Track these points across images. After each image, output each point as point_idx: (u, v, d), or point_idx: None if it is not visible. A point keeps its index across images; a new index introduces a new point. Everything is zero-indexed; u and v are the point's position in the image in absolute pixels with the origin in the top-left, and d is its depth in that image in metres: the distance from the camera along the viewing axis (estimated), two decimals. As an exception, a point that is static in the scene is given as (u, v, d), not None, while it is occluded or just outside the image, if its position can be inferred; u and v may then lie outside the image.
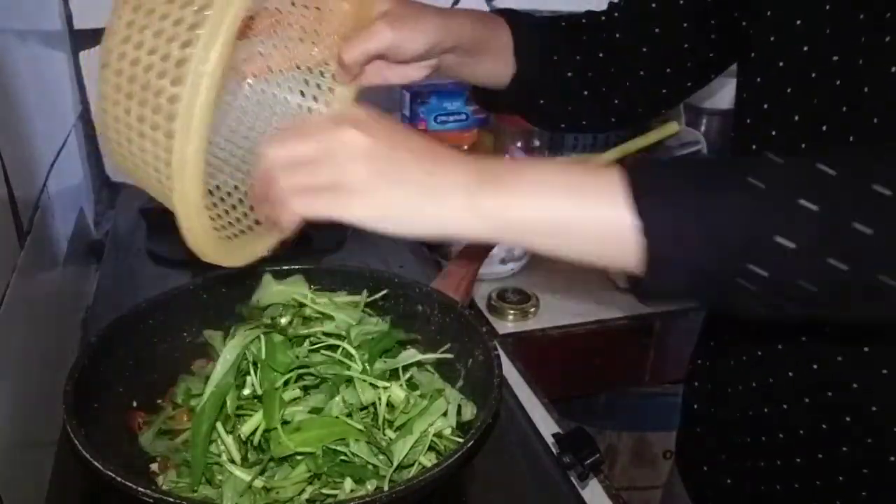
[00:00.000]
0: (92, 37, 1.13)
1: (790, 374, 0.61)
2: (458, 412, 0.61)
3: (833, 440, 0.59)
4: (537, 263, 1.21)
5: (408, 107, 1.30)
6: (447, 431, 0.60)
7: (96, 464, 0.48)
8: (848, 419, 0.57)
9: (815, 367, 0.59)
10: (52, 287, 0.83)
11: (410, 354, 0.64)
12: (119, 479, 0.47)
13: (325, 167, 0.45)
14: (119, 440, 0.60)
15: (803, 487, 0.62)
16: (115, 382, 0.62)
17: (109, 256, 0.99)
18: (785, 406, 0.62)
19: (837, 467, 0.59)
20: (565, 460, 0.65)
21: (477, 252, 0.75)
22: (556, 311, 1.08)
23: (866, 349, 0.55)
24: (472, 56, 0.67)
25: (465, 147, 1.34)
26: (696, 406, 0.75)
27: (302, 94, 0.62)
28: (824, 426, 0.59)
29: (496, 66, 0.69)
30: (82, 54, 1.14)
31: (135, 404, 0.64)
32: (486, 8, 1.32)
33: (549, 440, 0.69)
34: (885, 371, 0.55)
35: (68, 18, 1.11)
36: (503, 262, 1.15)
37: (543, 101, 0.73)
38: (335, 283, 0.73)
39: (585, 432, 0.68)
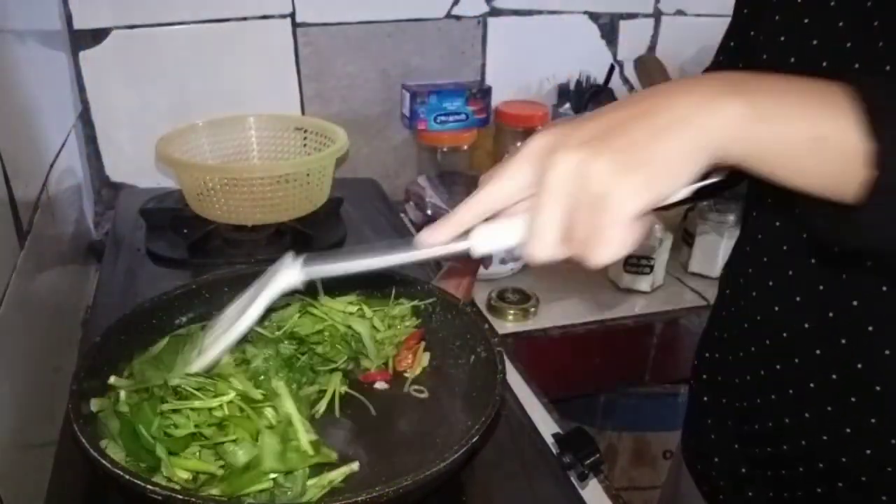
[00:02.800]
0: (92, 37, 1.13)
1: (796, 360, 0.62)
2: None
3: (841, 421, 0.60)
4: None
5: (408, 107, 1.30)
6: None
7: (105, 462, 0.48)
8: (853, 399, 0.58)
9: (818, 352, 0.60)
10: (52, 287, 0.83)
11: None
12: (128, 477, 0.47)
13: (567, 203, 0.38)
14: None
15: (826, 467, 0.62)
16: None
17: (109, 256, 0.98)
18: (791, 391, 0.63)
19: (847, 448, 0.60)
20: (565, 460, 0.65)
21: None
22: (556, 311, 1.08)
23: (870, 328, 0.56)
24: None
25: (465, 147, 1.34)
26: (706, 398, 0.75)
27: None
28: (829, 408, 0.60)
29: None
30: (82, 54, 1.14)
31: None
32: (485, 8, 1.32)
33: (549, 440, 0.69)
34: (887, 352, 0.56)
35: (68, 18, 1.11)
36: (503, 262, 1.15)
37: None
38: (335, 282, 0.72)
39: (585, 432, 0.68)
